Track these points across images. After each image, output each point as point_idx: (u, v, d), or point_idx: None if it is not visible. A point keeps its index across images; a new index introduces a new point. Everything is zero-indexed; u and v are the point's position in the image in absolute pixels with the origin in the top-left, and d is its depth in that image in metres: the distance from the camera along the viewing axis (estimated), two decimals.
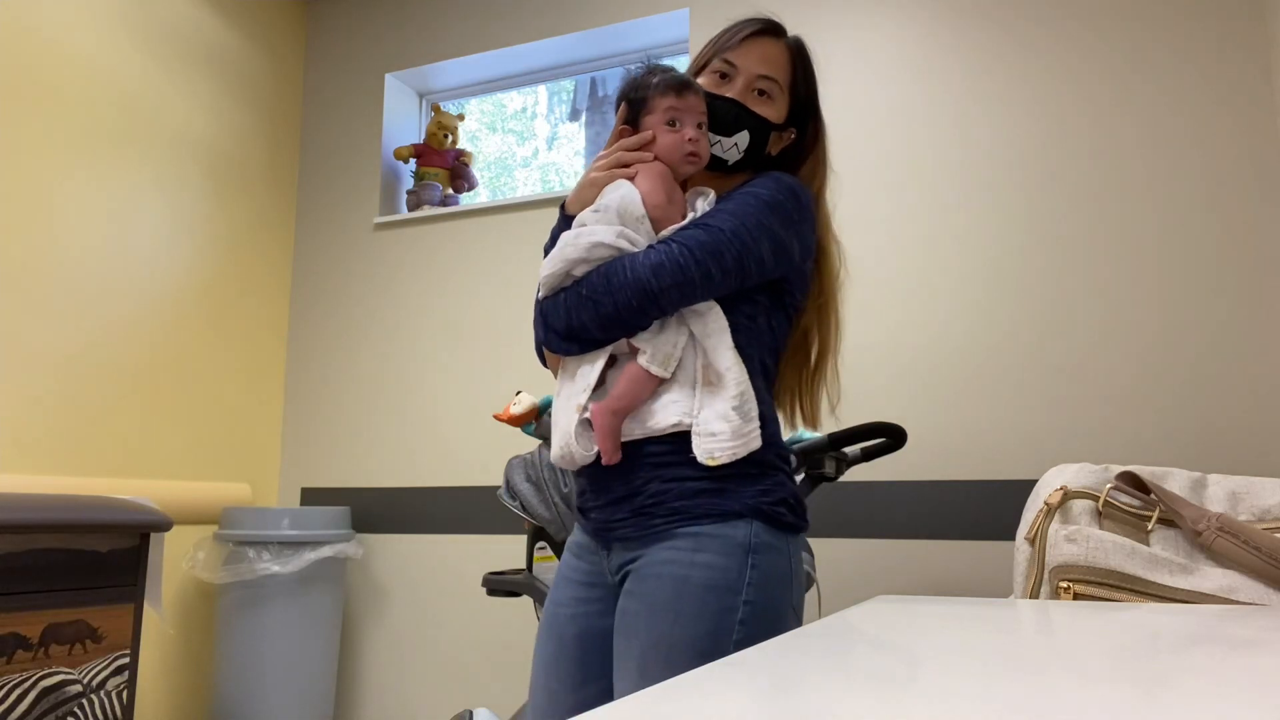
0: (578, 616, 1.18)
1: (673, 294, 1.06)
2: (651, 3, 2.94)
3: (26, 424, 2.39)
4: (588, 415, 1.10)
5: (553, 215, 2.94)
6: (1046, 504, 1.24)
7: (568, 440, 1.11)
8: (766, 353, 1.17)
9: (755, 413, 1.08)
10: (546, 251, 1.18)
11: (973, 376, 2.38)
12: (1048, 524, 1.22)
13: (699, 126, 1.15)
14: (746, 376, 1.08)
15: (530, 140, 3.44)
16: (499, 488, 2.02)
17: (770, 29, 1.24)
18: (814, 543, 2.44)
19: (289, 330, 3.29)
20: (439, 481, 2.96)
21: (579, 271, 1.11)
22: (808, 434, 1.74)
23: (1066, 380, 2.30)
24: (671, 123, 1.15)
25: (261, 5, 3.28)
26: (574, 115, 3.29)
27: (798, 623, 1.11)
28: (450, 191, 3.24)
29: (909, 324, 2.45)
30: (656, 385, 1.09)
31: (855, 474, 2.35)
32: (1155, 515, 1.20)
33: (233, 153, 3.11)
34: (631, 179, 1.14)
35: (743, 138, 1.19)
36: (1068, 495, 1.24)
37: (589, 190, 1.16)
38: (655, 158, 1.16)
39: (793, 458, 1.63)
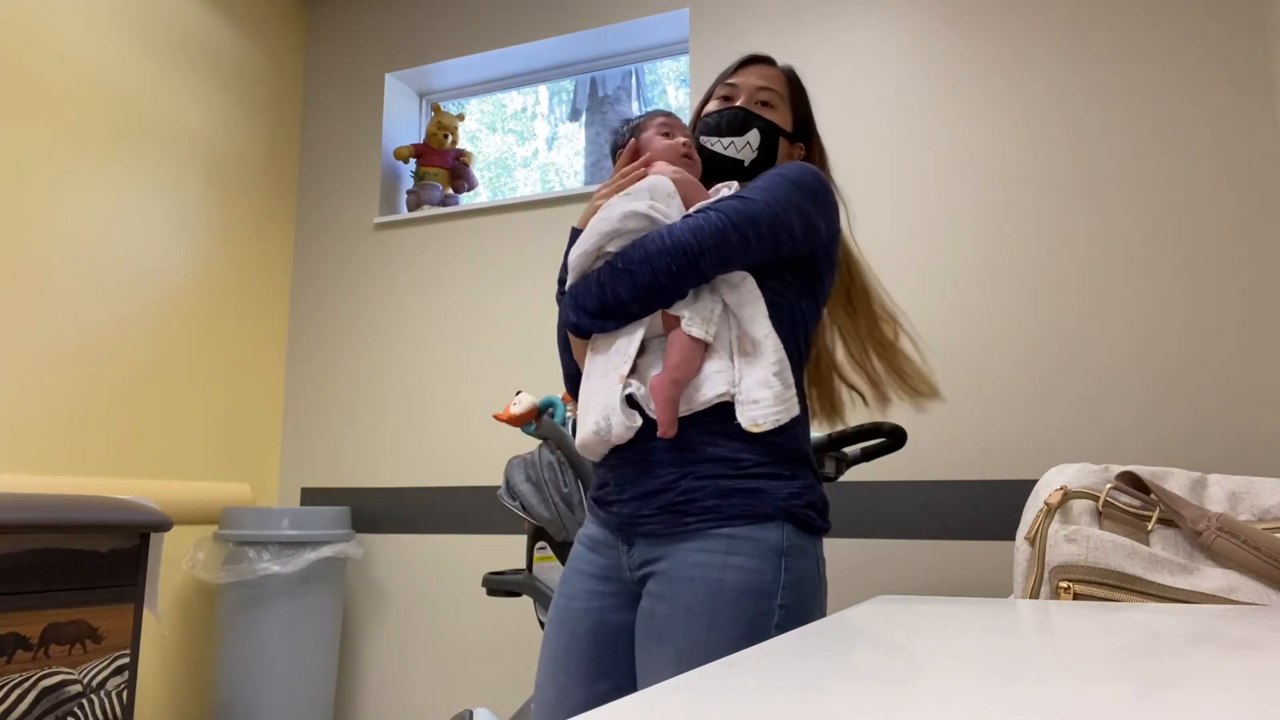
0: (591, 610, 1.15)
1: (712, 256, 1.06)
2: (651, 3, 2.94)
3: (26, 424, 2.39)
4: (631, 390, 1.08)
5: (553, 215, 2.95)
6: (1046, 504, 1.24)
7: (609, 413, 1.08)
8: (798, 332, 1.17)
9: (793, 380, 1.08)
10: (561, 282, 1.20)
11: (973, 376, 2.38)
12: (1048, 524, 1.22)
13: (687, 138, 1.25)
14: (782, 345, 1.08)
15: (530, 140, 3.44)
16: (499, 488, 2.02)
17: (763, 57, 1.34)
18: None
19: (289, 330, 3.29)
20: (439, 481, 2.96)
21: (612, 247, 1.11)
22: None
23: (1066, 380, 2.30)
24: (665, 134, 1.24)
25: (261, 5, 3.28)
26: (574, 115, 3.29)
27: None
28: (450, 191, 3.24)
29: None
30: (703, 353, 1.07)
31: (855, 474, 2.35)
32: (1155, 515, 1.20)
33: (233, 153, 3.11)
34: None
35: (754, 135, 1.26)
36: (1068, 495, 1.24)
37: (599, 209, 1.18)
38: (653, 158, 1.22)
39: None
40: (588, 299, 1.11)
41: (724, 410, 1.07)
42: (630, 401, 1.09)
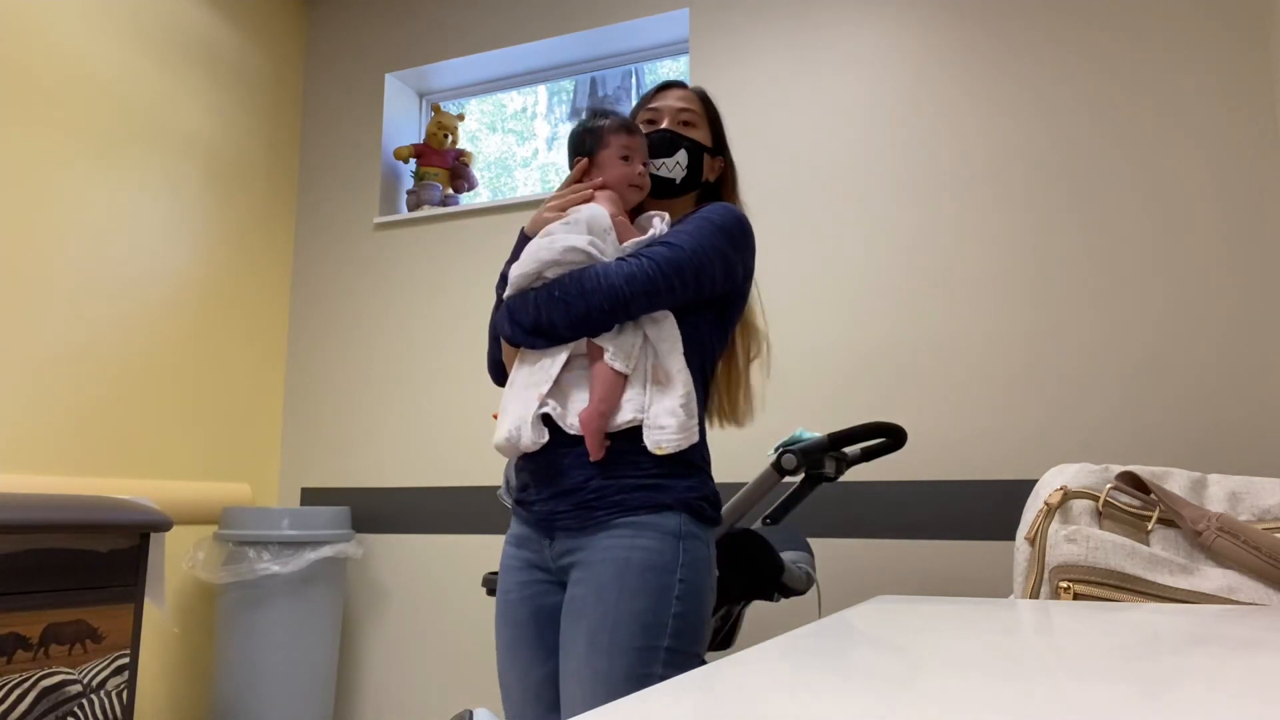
0: (526, 599, 1.29)
1: (640, 301, 1.21)
2: (651, 3, 2.94)
3: (26, 424, 2.39)
4: (547, 409, 1.22)
5: None
6: (1046, 504, 1.24)
7: (520, 425, 1.22)
8: (705, 362, 1.33)
9: (697, 410, 1.24)
10: (504, 277, 1.33)
11: (973, 376, 2.38)
12: (1048, 524, 1.22)
13: (644, 164, 1.36)
14: (691, 379, 1.24)
15: (530, 140, 3.44)
16: (499, 488, 2.02)
17: (677, 83, 1.49)
18: (814, 543, 2.44)
19: (289, 330, 3.29)
20: (439, 481, 2.96)
21: (551, 273, 1.24)
22: (808, 434, 1.74)
23: (1066, 380, 2.30)
24: (625, 158, 1.34)
25: (261, 5, 3.28)
26: (574, 115, 3.29)
27: (713, 598, 1.27)
28: (450, 191, 3.24)
29: (909, 324, 2.45)
30: (624, 383, 1.21)
31: (855, 474, 2.35)
32: (1155, 515, 1.20)
33: (233, 153, 3.11)
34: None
35: (682, 155, 1.40)
36: (1068, 495, 1.24)
37: (547, 221, 1.31)
38: (604, 183, 1.34)
39: (794, 457, 1.63)
40: (524, 316, 1.25)
41: (633, 431, 1.21)
42: (545, 418, 1.22)
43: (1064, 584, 1.16)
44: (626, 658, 1.15)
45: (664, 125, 1.41)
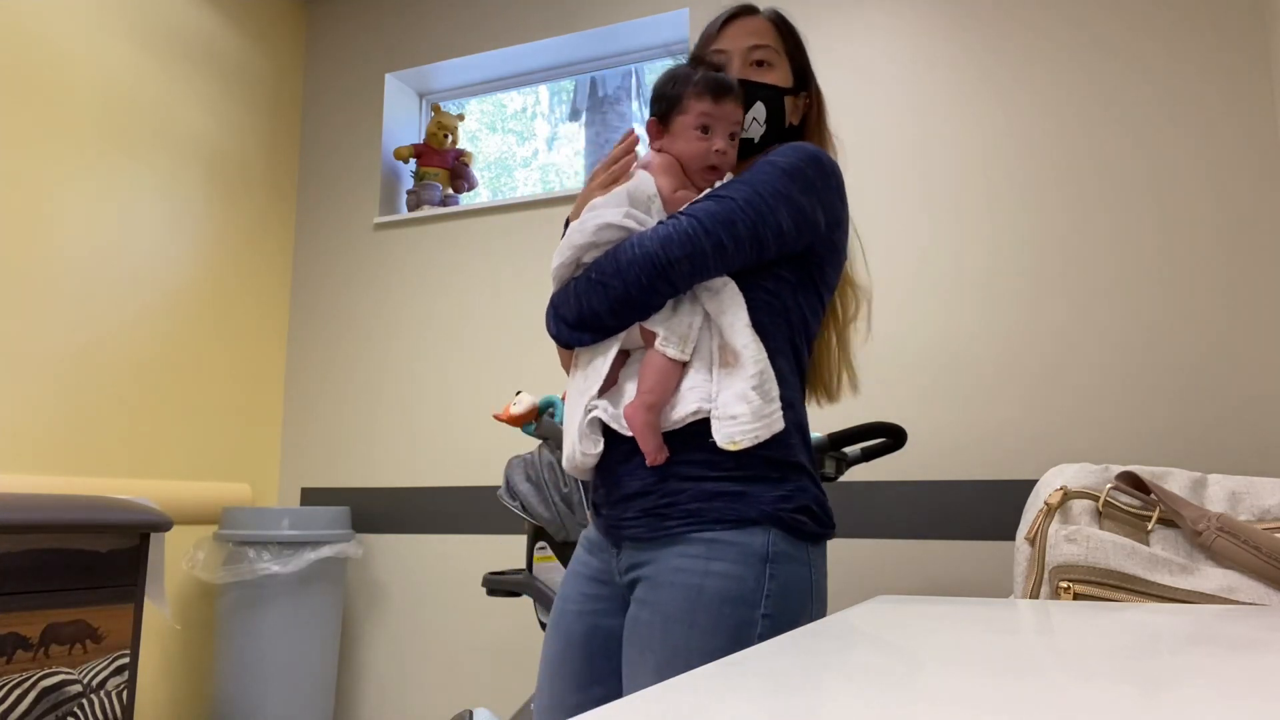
0: (584, 614, 1.12)
1: (683, 266, 1.00)
2: (651, 3, 2.94)
3: (26, 424, 2.39)
4: (596, 412, 1.04)
5: (552, 214, 2.95)
6: (1046, 504, 1.24)
7: (573, 441, 1.06)
8: (795, 333, 1.10)
9: (776, 393, 1.02)
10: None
11: (973, 376, 2.38)
12: (1048, 524, 1.22)
13: (730, 137, 1.11)
14: (765, 354, 1.02)
15: (530, 140, 3.44)
16: (499, 488, 2.02)
17: (745, 9, 1.23)
18: None
19: (289, 330, 3.29)
20: (439, 481, 2.96)
21: (588, 258, 1.06)
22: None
23: (1066, 380, 2.30)
24: (704, 129, 1.10)
25: (261, 5, 3.28)
26: (574, 115, 3.29)
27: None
28: (450, 191, 3.24)
29: (909, 323, 2.45)
30: (680, 371, 1.02)
31: (855, 474, 2.35)
32: (1155, 515, 1.20)
33: (233, 153, 3.11)
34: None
35: (758, 110, 1.16)
36: (1068, 495, 1.24)
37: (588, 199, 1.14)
38: (667, 153, 1.13)
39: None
40: (566, 310, 1.07)
41: (704, 425, 1.01)
42: (597, 425, 1.06)
43: (1064, 584, 1.16)
44: None
45: (734, 73, 1.17)
